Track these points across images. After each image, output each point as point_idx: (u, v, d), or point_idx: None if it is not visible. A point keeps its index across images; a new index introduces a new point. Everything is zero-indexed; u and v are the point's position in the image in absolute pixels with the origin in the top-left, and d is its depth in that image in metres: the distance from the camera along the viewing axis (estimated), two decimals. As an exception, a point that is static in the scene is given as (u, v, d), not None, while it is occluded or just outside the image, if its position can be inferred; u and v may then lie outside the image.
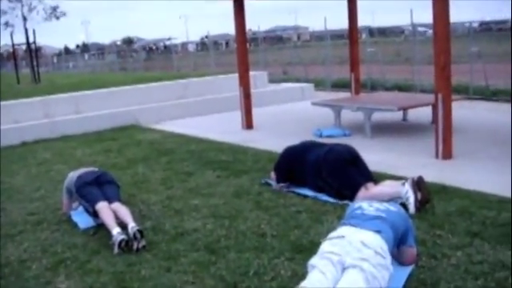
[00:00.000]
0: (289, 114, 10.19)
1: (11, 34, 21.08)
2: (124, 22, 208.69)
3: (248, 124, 8.91)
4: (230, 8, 8.68)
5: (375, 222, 3.11)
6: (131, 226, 3.97)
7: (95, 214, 4.33)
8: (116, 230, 3.98)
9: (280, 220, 4.29)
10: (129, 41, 76.97)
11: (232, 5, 8.66)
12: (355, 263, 2.79)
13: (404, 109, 8.11)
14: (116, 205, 4.35)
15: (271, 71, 16.05)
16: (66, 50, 72.81)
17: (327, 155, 4.86)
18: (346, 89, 11.46)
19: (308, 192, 4.90)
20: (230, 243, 3.90)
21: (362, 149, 5.18)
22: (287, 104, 11.60)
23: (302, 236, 3.91)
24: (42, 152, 8.11)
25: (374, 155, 5.91)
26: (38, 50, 24.02)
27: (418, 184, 4.27)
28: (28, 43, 18.80)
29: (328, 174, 4.74)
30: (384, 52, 15.51)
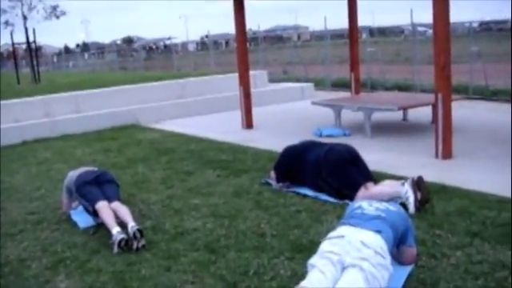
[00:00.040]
0: (289, 114, 10.19)
1: (11, 33, 21.10)
2: (124, 22, 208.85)
3: (248, 123, 8.91)
4: (230, 7, 8.68)
5: (375, 222, 3.11)
6: (131, 226, 3.97)
7: (95, 214, 4.33)
8: (116, 230, 3.98)
9: (280, 219, 4.29)
10: (129, 40, 76.97)
11: (232, 4, 8.66)
12: (355, 263, 2.79)
13: (404, 108, 8.11)
14: (116, 204, 4.35)
15: (271, 71, 16.05)
16: (66, 50, 72.82)
17: (327, 155, 4.87)
18: (346, 88, 11.46)
19: (308, 191, 4.90)
20: (230, 243, 3.90)
21: (362, 148, 5.18)
22: (287, 103, 11.60)
23: (302, 235, 3.91)
24: (42, 151, 8.11)
25: (374, 155, 5.92)
26: (38, 50, 24.00)
27: (418, 184, 4.28)
28: (28, 42, 18.77)
29: (328, 174, 4.74)
30: (384, 52, 15.50)
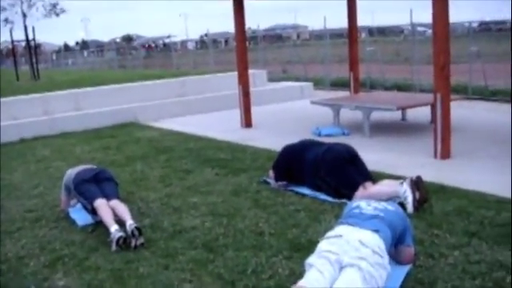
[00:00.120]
0: (288, 113, 10.19)
1: (11, 31, 21.11)
2: (124, 20, 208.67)
3: (247, 122, 8.91)
4: (230, 6, 8.68)
5: (373, 222, 3.11)
6: (129, 224, 3.97)
7: (93, 212, 4.33)
8: (114, 228, 3.98)
9: (278, 218, 4.29)
10: (128, 38, 76.88)
11: (232, 3, 8.66)
12: (353, 262, 2.79)
13: (403, 108, 8.11)
14: (114, 202, 4.35)
15: (270, 70, 16.04)
16: (66, 47, 72.70)
17: (326, 154, 4.87)
18: (345, 88, 11.46)
19: (306, 191, 4.90)
20: (228, 241, 3.90)
21: (361, 148, 5.19)
22: (286, 103, 11.60)
23: (300, 235, 3.91)
24: (41, 149, 8.11)
25: (373, 154, 5.92)
26: (38, 47, 23.96)
27: (417, 183, 4.28)
28: (27, 40, 18.76)
29: (326, 173, 4.74)
30: (383, 51, 15.50)
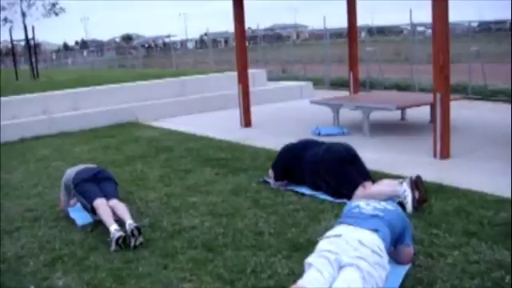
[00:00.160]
0: (287, 112, 10.19)
1: (10, 30, 21.09)
2: (123, 20, 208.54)
3: (246, 122, 8.91)
4: (230, 6, 8.68)
5: (372, 221, 3.11)
6: (129, 223, 3.97)
7: (93, 211, 4.33)
8: (114, 227, 3.98)
9: (277, 218, 4.29)
10: (128, 38, 76.87)
11: (231, 3, 8.66)
12: (352, 262, 2.79)
13: (402, 108, 8.11)
14: (114, 202, 4.34)
15: (270, 69, 16.07)
16: (65, 47, 72.76)
17: (325, 154, 4.87)
18: (345, 87, 11.47)
19: (306, 190, 4.90)
20: (228, 241, 3.90)
21: (360, 147, 5.19)
22: (286, 102, 11.61)
23: (300, 234, 3.91)
24: (41, 148, 8.10)
25: (372, 154, 5.92)
26: (37, 47, 23.94)
27: (416, 183, 4.28)
28: (27, 39, 18.74)
29: (326, 173, 4.74)
30: (383, 51, 15.53)
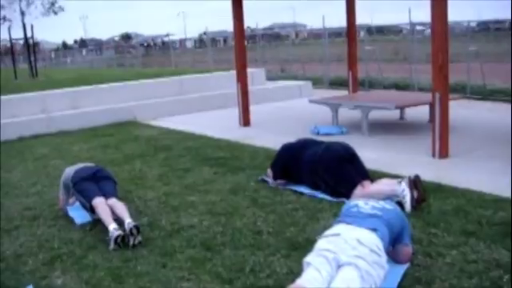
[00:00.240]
0: (286, 112, 10.20)
1: (9, 29, 21.01)
2: (122, 18, 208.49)
3: (245, 121, 8.91)
4: (229, 5, 8.68)
5: (371, 220, 3.12)
6: (127, 222, 3.97)
7: (92, 210, 4.33)
8: (112, 226, 3.98)
9: (276, 217, 4.30)
10: (127, 37, 76.81)
11: (230, 2, 8.65)
12: (350, 261, 2.79)
13: (401, 107, 8.12)
14: (113, 200, 4.35)
15: (269, 68, 16.06)
16: (64, 46, 72.67)
17: (324, 153, 4.87)
18: (344, 87, 11.47)
19: (304, 189, 4.90)
20: (226, 240, 3.90)
21: (359, 147, 5.19)
22: (285, 101, 11.60)
23: (298, 233, 3.92)
24: (40, 147, 8.10)
25: (371, 153, 5.93)
26: (36, 45, 23.93)
27: (415, 182, 4.28)
28: (26, 38, 18.72)
29: (324, 172, 4.75)
30: (382, 50, 15.51)
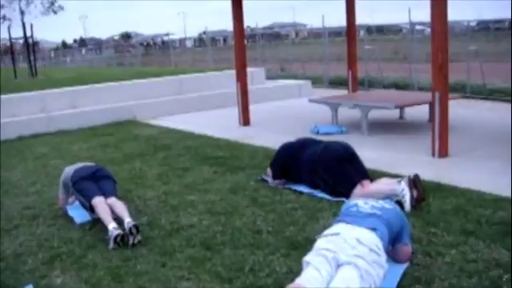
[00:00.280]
0: (286, 111, 10.19)
1: (9, 28, 20.97)
2: (122, 18, 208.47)
3: (245, 120, 8.91)
4: (229, 5, 8.68)
5: (370, 220, 3.12)
6: (127, 221, 3.97)
7: (91, 209, 4.33)
8: (112, 225, 3.98)
9: (276, 216, 4.30)
10: (126, 36, 76.80)
11: (230, 1, 8.65)
12: (350, 260, 2.79)
13: (401, 107, 8.11)
14: (112, 200, 4.35)
15: (269, 68, 16.06)
16: (64, 45, 72.64)
17: (323, 152, 4.87)
18: (344, 86, 11.46)
19: (304, 189, 4.90)
20: (226, 239, 3.90)
21: (359, 146, 5.19)
22: (284, 101, 11.60)
23: (298, 232, 3.92)
24: (39, 146, 8.10)
25: (371, 153, 5.93)
26: (36, 45, 23.91)
27: (414, 182, 4.28)
28: (25, 37, 18.70)
29: (324, 171, 4.75)
30: (382, 50, 15.51)
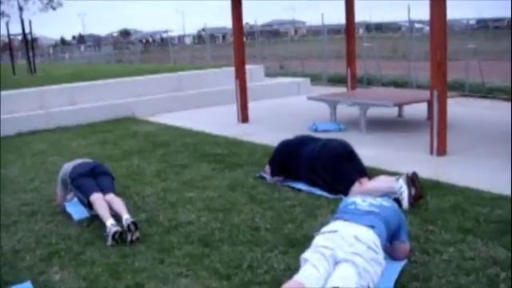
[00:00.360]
0: (285, 108, 10.19)
1: (7, 24, 20.93)
2: (121, 14, 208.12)
3: (244, 118, 8.91)
4: (228, 2, 8.66)
5: (368, 217, 3.12)
6: (125, 218, 3.97)
7: (89, 206, 4.33)
8: (110, 222, 3.98)
9: (274, 214, 4.30)
10: (125, 33, 76.70)
11: (230, 2, 8.63)
12: (347, 257, 2.80)
13: (400, 105, 8.12)
14: (110, 196, 4.35)
15: (268, 65, 16.04)
16: (63, 41, 72.55)
17: (322, 150, 4.87)
18: (343, 84, 11.47)
19: (302, 186, 4.91)
20: (224, 236, 3.91)
21: (357, 144, 5.20)
22: (283, 98, 11.60)
23: (296, 230, 3.92)
24: (38, 143, 8.09)
25: (369, 150, 5.93)
26: (34, 41, 23.88)
27: (412, 180, 4.29)
28: (24, 34, 18.68)
29: (322, 169, 4.75)
30: (381, 48, 15.52)
